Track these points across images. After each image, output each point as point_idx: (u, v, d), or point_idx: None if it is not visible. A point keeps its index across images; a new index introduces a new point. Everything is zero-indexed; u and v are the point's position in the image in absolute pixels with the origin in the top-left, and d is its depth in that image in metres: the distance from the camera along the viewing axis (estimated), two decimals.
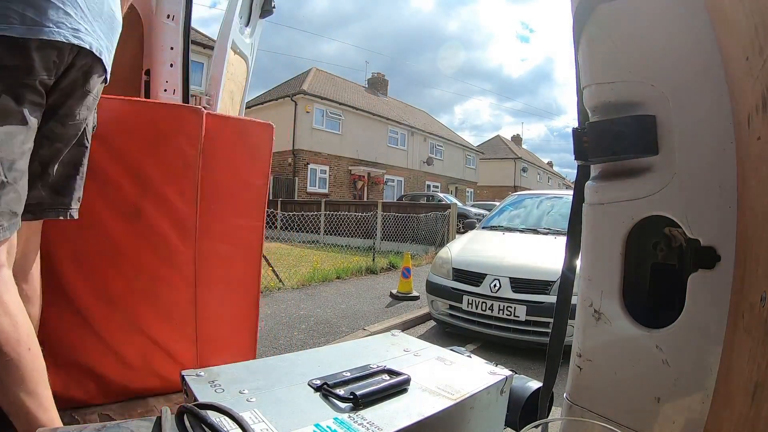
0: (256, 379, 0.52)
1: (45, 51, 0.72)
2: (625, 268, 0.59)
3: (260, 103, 18.13)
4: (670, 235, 0.57)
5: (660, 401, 0.55)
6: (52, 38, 0.72)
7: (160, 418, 0.47)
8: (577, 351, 0.65)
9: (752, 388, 0.40)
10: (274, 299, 4.46)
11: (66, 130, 0.83)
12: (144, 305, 1.20)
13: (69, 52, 0.77)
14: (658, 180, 0.55)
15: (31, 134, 0.74)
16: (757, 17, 0.39)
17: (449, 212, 8.73)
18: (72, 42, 0.76)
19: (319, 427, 0.43)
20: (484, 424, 0.57)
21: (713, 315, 0.50)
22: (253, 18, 2.02)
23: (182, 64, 1.47)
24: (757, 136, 0.41)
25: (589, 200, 0.64)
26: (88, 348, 1.13)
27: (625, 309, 0.59)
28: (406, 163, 21.26)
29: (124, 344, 1.17)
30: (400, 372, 0.55)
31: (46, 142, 0.81)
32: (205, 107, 1.73)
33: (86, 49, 0.80)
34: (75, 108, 0.83)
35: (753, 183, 0.44)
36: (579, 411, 0.63)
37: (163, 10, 1.39)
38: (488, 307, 3.19)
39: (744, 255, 0.46)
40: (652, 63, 0.55)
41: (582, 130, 0.63)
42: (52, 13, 0.72)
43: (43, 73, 0.73)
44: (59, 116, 0.81)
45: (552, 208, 4.38)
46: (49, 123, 0.80)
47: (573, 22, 0.62)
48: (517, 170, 30.98)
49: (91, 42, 0.80)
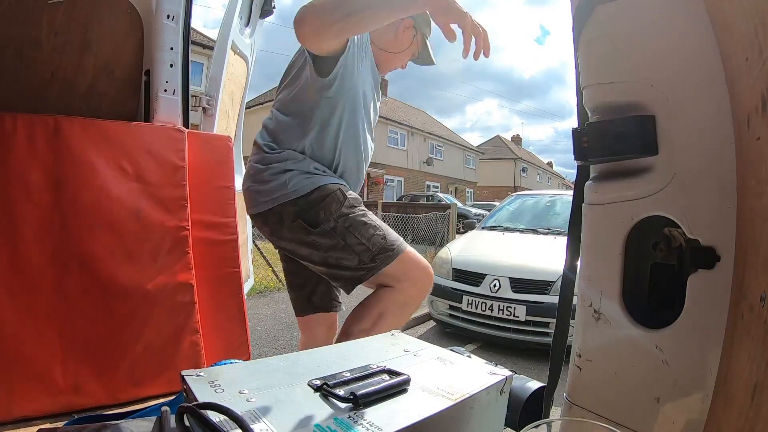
0: (256, 379, 0.52)
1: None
2: (625, 268, 0.59)
3: (260, 104, 18.13)
4: (670, 235, 0.57)
5: (660, 401, 0.55)
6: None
7: (160, 418, 0.47)
8: (576, 351, 0.65)
9: (752, 388, 0.40)
10: (274, 299, 4.46)
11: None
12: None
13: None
14: (658, 180, 0.55)
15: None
16: (756, 18, 0.39)
17: (449, 212, 8.73)
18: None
19: (319, 427, 0.43)
20: (484, 424, 0.57)
21: (713, 315, 0.50)
22: (253, 18, 2.03)
23: (182, 64, 1.47)
24: (756, 137, 0.41)
25: (589, 200, 0.64)
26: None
27: (625, 309, 0.59)
28: (406, 164, 21.28)
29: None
30: (400, 372, 0.55)
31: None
32: (206, 107, 1.73)
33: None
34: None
35: (753, 183, 0.44)
36: (579, 411, 0.63)
37: (163, 10, 1.39)
38: (488, 307, 3.19)
39: (744, 255, 0.46)
40: (652, 63, 0.55)
41: (582, 131, 0.63)
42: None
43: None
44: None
45: (552, 208, 4.38)
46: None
47: (573, 22, 0.62)
48: (516, 170, 31.01)
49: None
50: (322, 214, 1.11)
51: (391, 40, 1.28)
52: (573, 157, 0.66)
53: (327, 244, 1.11)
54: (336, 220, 1.11)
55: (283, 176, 1.13)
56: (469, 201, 23.79)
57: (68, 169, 1.17)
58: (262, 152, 1.19)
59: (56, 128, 1.17)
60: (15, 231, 1.09)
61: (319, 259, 1.14)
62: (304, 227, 1.11)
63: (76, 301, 1.13)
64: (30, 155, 1.13)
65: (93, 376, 1.12)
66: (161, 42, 1.41)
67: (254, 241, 3.53)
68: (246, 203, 1.22)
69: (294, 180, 1.12)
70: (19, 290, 1.07)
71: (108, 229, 1.20)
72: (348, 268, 1.12)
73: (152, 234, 1.26)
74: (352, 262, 1.11)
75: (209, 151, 1.49)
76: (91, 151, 1.21)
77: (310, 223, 1.11)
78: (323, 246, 1.11)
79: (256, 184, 1.17)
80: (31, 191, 1.12)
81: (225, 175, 1.51)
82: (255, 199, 1.17)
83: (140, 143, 1.30)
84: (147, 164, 1.29)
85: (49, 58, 1.28)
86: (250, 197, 1.19)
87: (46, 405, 1.05)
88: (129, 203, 1.24)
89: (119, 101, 1.43)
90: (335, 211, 1.11)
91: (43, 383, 1.06)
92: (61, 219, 1.14)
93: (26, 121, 1.13)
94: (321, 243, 1.11)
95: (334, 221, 1.11)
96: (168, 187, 1.31)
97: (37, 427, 0.80)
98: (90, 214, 1.18)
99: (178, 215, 1.31)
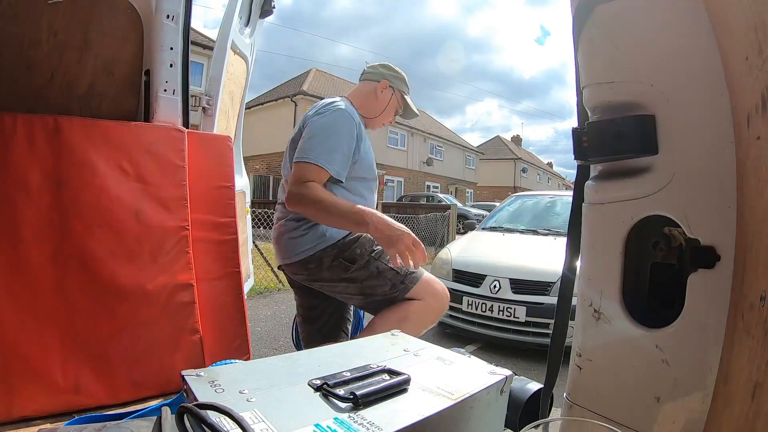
0: (256, 379, 0.52)
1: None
2: (625, 268, 0.59)
3: (260, 104, 18.14)
4: (670, 234, 0.57)
5: (660, 401, 0.55)
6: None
7: (160, 418, 0.47)
8: (577, 351, 0.65)
9: (752, 388, 0.40)
10: (274, 300, 4.46)
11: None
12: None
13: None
14: (657, 180, 0.55)
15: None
16: (756, 17, 0.39)
17: (449, 213, 8.73)
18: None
19: (319, 427, 0.43)
20: (484, 424, 0.57)
21: (713, 315, 0.50)
22: (252, 18, 2.03)
23: (182, 64, 1.47)
24: (756, 136, 0.41)
25: (589, 200, 0.64)
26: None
27: (625, 309, 0.59)
28: (406, 164, 21.28)
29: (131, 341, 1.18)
30: (400, 372, 0.55)
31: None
32: (206, 107, 1.73)
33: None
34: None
35: (753, 183, 0.44)
36: (579, 411, 0.63)
37: (163, 10, 1.39)
38: (488, 308, 3.19)
39: (744, 255, 0.46)
40: (652, 63, 0.55)
41: (582, 130, 0.63)
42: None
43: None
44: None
45: (552, 208, 4.38)
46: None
47: (573, 22, 0.62)
48: (516, 171, 31.01)
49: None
50: (359, 251, 1.32)
51: (372, 102, 1.51)
52: (573, 157, 0.66)
53: (363, 275, 1.30)
54: (369, 254, 1.32)
55: (318, 228, 1.33)
56: (469, 201, 23.78)
57: (68, 169, 1.17)
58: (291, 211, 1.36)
59: (56, 128, 1.17)
60: (15, 231, 1.09)
61: (356, 291, 1.32)
62: (344, 265, 1.31)
63: (76, 301, 1.13)
64: (30, 155, 1.12)
65: (93, 376, 1.12)
66: (161, 42, 1.41)
67: (254, 241, 3.53)
68: (279, 254, 1.42)
69: (329, 229, 1.32)
70: (19, 290, 1.07)
71: (108, 229, 1.20)
72: (383, 294, 1.31)
73: (152, 234, 1.26)
74: (385, 287, 1.30)
75: (209, 151, 1.49)
76: (91, 151, 1.21)
77: (349, 260, 1.31)
78: (360, 278, 1.30)
79: (292, 238, 1.36)
80: (31, 191, 1.11)
81: (225, 175, 1.50)
82: (293, 249, 1.36)
83: (140, 143, 1.30)
84: (147, 164, 1.29)
85: (49, 58, 1.28)
86: (286, 248, 1.38)
87: (46, 405, 1.05)
88: (129, 203, 1.24)
89: (119, 101, 1.43)
90: (369, 247, 1.33)
91: (43, 383, 1.05)
92: (61, 219, 1.14)
93: (26, 121, 1.13)
94: (358, 275, 1.30)
95: (368, 255, 1.32)
96: (168, 187, 1.31)
97: (38, 427, 0.80)
98: (90, 214, 1.18)
99: (178, 215, 1.31)
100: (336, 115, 1.31)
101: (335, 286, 1.35)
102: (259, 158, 18.15)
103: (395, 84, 1.52)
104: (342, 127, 1.30)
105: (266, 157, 17.95)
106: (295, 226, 1.36)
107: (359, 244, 1.32)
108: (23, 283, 1.08)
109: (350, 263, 1.30)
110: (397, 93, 1.53)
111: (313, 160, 1.24)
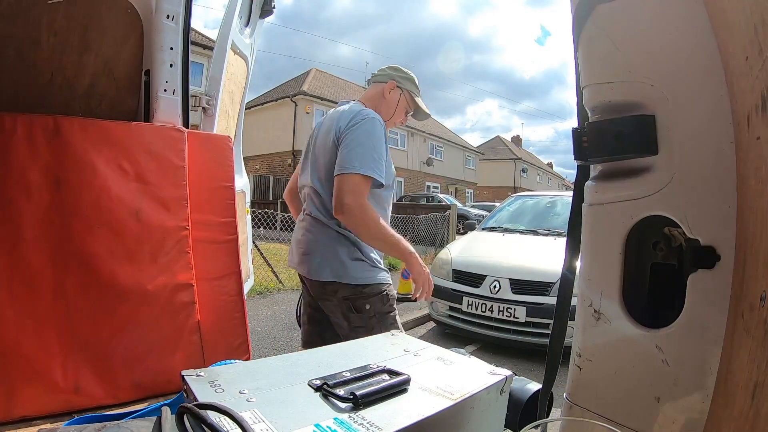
0: (256, 379, 0.52)
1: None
2: (625, 268, 0.59)
3: (260, 104, 18.14)
4: (670, 234, 0.57)
5: (660, 401, 0.55)
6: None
7: (160, 418, 0.47)
8: (576, 351, 0.65)
9: (752, 388, 0.40)
10: (274, 300, 4.46)
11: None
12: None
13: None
14: (658, 180, 0.55)
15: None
16: (756, 17, 0.39)
17: (449, 213, 8.73)
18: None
19: (319, 427, 0.43)
20: (484, 424, 0.57)
21: (713, 315, 0.50)
22: (252, 18, 2.03)
23: (182, 64, 1.47)
24: (756, 136, 0.41)
25: (589, 200, 0.64)
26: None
27: (625, 309, 0.59)
28: (406, 164, 21.27)
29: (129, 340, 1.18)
30: (400, 372, 0.55)
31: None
32: (205, 107, 1.73)
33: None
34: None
35: (753, 183, 0.44)
36: (579, 411, 0.63)
37: (163, 10, 1.39)
38: (488, 309, 3.19)
39: (744, 255, 0.46)
40: (652, 63, 0.55)
41: (582, 130, 0.63)
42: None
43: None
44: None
45: (552, 209, 4.38)
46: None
47: (572, 21, 0.62)
48: (516, 171, 31.02)
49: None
50: (368, 306, 1.37)
51: (382, 104, 1.53)
52: (573, 157, 0.66)
53: (358, 324, 1.37)
54: (374, 314, 1.38)
55: (354, 261, 1.38)
56: (469, 202, 23.78)
57: (68, 169, 1.17)
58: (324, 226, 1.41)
59: (56, 128, 1.17)
60: (15, 231, 1.09)
61: (346, 331, 1.39)
62: (350, 307, 1.37)
63: (76, 301, 1.13)
64: (30, 155, 1.12)
65: (93, 376, 1.12)
66: (161, 42, 1.41)
67: (254, 241, 3.53)
68: (303, 266, 1.44)
69: (359, 268, 1.38)
70: (19, 290, 1.07)
71: (108, 229, 1.20)
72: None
73: (152, 234, 1.26)
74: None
75: (209, 151, 1.49)
76: (91, 151, 1.21)
77: (356, 308, 1.37)
78: (354, 324, 1.37)
79: (326, 259, 1.39)
80: (31, 191, 1.11)
81: (225, 175, 1.50)
82: (323, 268, 1.39)
83: (140, 143, 1.30)
84: (147, 164, 1.29)
85: (49, 58, 1.28)
86: (319, 267, 1.39)
87: (46, 405, 1.05)
88: (129, 203, 1.24)
89: (119, 101, 1.43)
90: (378, 307, 1.39)
91: (43, 383, 1.06)
92: (61, 219, 1.14)
93: (26, 121, 1.13)
94: (354, 322, 1.37)
95: (373, 313, 1.38)
96: (168, 187, 1.31)
97: (37, 428, 0.80)
98: (90, 214, 1.18)
99: (178, 215, 1.31)
100: (373, 123, 1.35)
101: (336, 312, 1.41)
102: (259, 158, 18.16)
103: (403, 84, 1.54)
104: (381, 135, 1.36)
105: (266, 157, 17.95)
106: (334, 249, 1.39)
107: (372, 301, 1.38)
108: (23, 283, 1.08)
109: (355, 311, 1.37)
110: (405, 93, 1.56)
111: (364, 171, 1.29)
